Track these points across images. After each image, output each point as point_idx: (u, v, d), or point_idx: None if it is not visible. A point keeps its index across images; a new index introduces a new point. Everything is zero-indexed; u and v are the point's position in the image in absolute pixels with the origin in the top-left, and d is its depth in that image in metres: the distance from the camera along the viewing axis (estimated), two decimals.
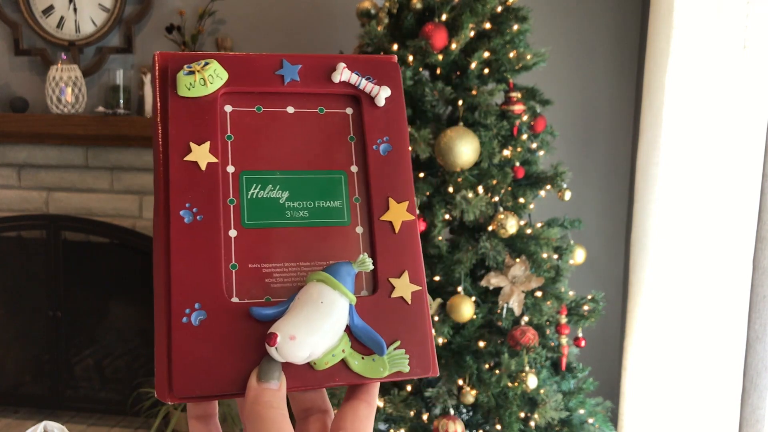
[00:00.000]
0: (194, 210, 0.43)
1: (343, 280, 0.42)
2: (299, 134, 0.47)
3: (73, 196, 2.82)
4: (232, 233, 0.44)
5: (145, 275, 2.88)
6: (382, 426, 1.85)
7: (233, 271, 0.43)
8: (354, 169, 0.47)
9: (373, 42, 1.85)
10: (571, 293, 1.87)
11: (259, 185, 0.45)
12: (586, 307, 1.85)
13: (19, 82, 2.84)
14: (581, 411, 1.84)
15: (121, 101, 2.69)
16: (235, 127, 0.46)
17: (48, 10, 2.73)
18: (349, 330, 0.42)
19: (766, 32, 1.69)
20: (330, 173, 0.47)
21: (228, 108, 0.46)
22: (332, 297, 0.41)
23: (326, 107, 0.48)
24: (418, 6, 1.80)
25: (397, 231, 0.46)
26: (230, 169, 0.45)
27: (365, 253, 0.44)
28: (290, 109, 0.48)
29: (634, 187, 2.09)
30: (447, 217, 1.77)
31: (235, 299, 0.42)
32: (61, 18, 2.73)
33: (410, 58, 1.76)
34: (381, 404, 1.77)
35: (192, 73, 0.45)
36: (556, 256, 1.82)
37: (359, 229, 0.46)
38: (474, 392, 1.73)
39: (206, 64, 0.45)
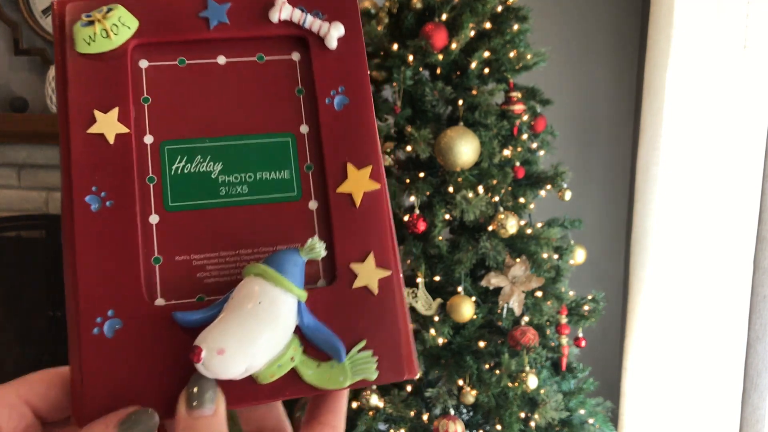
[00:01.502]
0: (102, 194, 0.35)
1: (288, 272, 0.34)
2: (234, 90, 0.38)
3: None
4: (153, 219, 0.36)
5: None
6: (382, 426, 1.85)
7: (156, 266, 0.36)
8: (304, 129, 0.39)
9: (373, 42, 1.85)
10: (571, 293, 1.86)
11: (186, 157, 0.37)
12: (586, 307, 1.85)
13: (19, 82, 2.84)
14: (581, 411, 1.84)
15: None
16: (152, 87, 0.37)
17: (48, 10, 2.72)
18: (299, 331, 0.35)
19: (767, 32, 1.69)
20: (274, 136, 0.38)
21: (143, 63, 0.38)
22: (273, 295, 0.33)
23: (266, 54, 0.39)
24: (418, 6, 1.80)
25: (358, 204, 0.38)
26: (148, 139, 0.37)
27: (315, 237, 0.36)
28: (221, 60, 0.39)
29: (634, 187, 2.09)
30: (447, 217, 1.77)
31: (159, 301, 0.35)
32: None
33: (410, 57, 1.76)
34: (381, 404, 1.77)
35: (91, 23, 0.36)
36: (556, 256, 1.82)
37: (313, 204, 0.38)
38: (474, 392, 1.72)
39: (109, 10, 0.36)
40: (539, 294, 1.77)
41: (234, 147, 0.37)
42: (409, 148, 1.74)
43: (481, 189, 1.75)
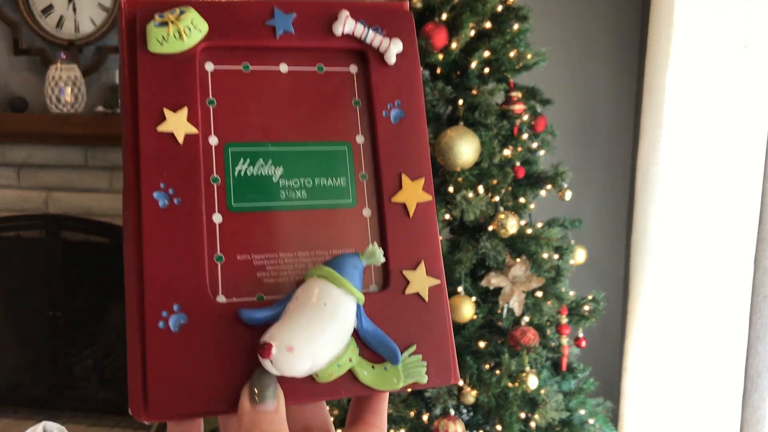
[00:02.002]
0: (170, 191, 0.36)
1: (350, 276, 0.35)
2: (294, 98, 0.40)
3: (73, 196, 2.82)
4: (217, 218, 0.37)
5: None
6: None
7: (218, 264, 0.36)
8: (360, 139, 0.40)
9: None
10: (571, 293, 1.86)
11: (248, 160, 0.38)
12: (586, 307, 1.85)
13: (19, 82, 2.84)
14: (582, 411, 1.83)
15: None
16: (218, 90, 0.38)
17: (47, 10, 2.72)
18: (356, 334, 0.36)
19: (767, 32, 1.69)
20: (332, 145, 0.39)
21: (209, 66, 0.39)
22: (336, 296, 0.34)
23: (326, 65, 0.40)
24: (418, 5, 1.80)
25: (411, 214, 0.39)
26: (213, 140, 0.38)
27: (375, 243, 0.37)
28: (283, 68, 0.40)
29: (634, 187, 2.08)
30: (447, 217, 1.77)
31: (221, 298, 0.36)
32: (61, 17, 2.72)
33: None
34: None
35: (165, 24, 0.37)
36: (556, 256, 1.82)
37: (366, 212, 0.39)
38: (474, 392, 1.72)
39: (182, 12, 0.37)
40: (539, 294, 1.77)
41: (294, 153, 0.39)
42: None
43: (481, 189, 1.75)
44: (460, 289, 1.74)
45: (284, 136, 0.39)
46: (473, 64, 1.77)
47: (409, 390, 0.38)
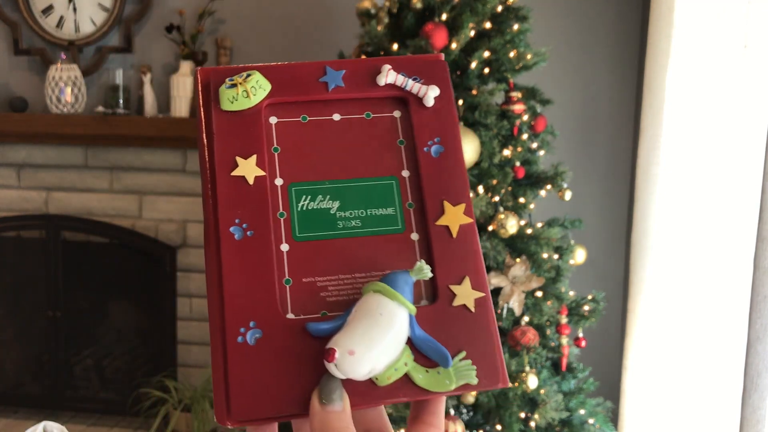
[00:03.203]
0: (244, 226, 0.42)
1: (401, 290, 0.39)
2: (347, 141, 0.46)
3: (73, 196, 2.82)
4: (284, 247, 0.42)
5: (144, 275, 2.88)
6: None
7: (287, 286, 0.42)
8: (405, 173, 0.46)
9: (374, 42, 1.85)
10: (571, 293, 1.86)
11: (309, 196, 0.44)
12: (586, 307, 1.85)
13: (19, 82, 2.84)
14: (582, 411, 1.83)
15: (121, 101, 2.69)
16: (281, 139, 0.45)
17: (47, 10, 2.72)
18: (410, 342, 0.40)
19: (767, 32, 1.69)
20: (381, 180, 0.45)
21: (273, 119, 0.45)
22: (391, 308, 0.39)
23: (373, 112, 0.47)
24: (418, 6, 1.80)
25: (454, 235, 0.44)
26: (278, 181, 0.44)
27: (422, 261, 0.42)
28: (336, 117, 0.46)
29: (634, 187, 2.09)
30: None
31: (290, 315, 0.41)
32: (61, 18, 2.73)
33: None
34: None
35: (234, 86, 0.43)
36: (556, 256, 1.82)
37: (414, 236, 0.44)
38: (474, 392, 1.72)
39: (248, 75, 0.44)
40: (539, 294, 1.77)
41: (348, 188, 0.45)
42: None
43: (481, 189, 1.75)
44: None
45: (339, 174, 0.45)
46: (473, 64, 1.77)
47: (456, 393, 0.42)
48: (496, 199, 1.76)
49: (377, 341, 0.38)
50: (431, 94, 0.46)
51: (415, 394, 0.40)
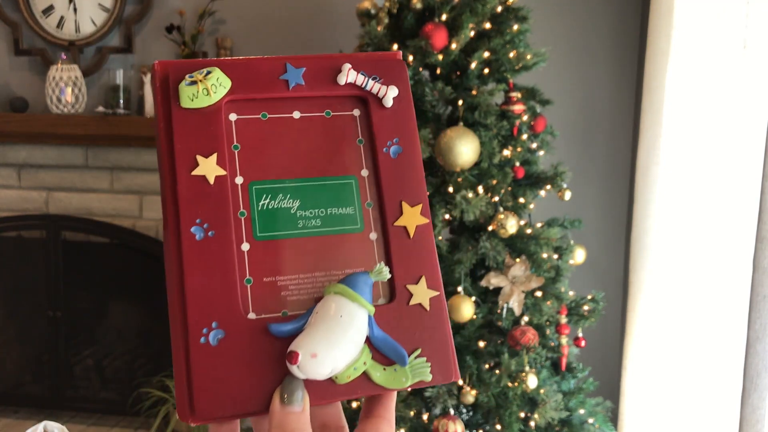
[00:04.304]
0: (205, 226, 0.42)
1: (361, 291, 0.41)
2: (307, 140, 0.46)
3: (73, 196, 2.82)
4: (245, 247, 0.43)
5: (144, 275, 2.88)
6: None
7: (248, 286, 0.42)
8: (365, 173, 0.46)
9: (374, 42, 1.85)
10: (571, 293, 1.87)
11: (270, 195, 0.44)
12: (586, 307, 1.85)
13: (19, 82, 2.84)
14: (581, 411, 1.84)
15: (121, 101, 2.69)
16: (241, 136, 0.45)
17: (48, 10, 2.73)
18: (369, 341, 0.41)
19: (766, 32, 1.69)
20: (340, 179, 0.46)
21: (233, 116, 0.45)
22: (351, 309, 0.40)
23: (333, 110, 0.47)
24: (418, 6, 1.80)
25: (411, 236, 0.45)
26: (239, 180, 0.44)
27: (382, 262, 0.43)
28: (296, 114, 0.46)
29: (634, 187, 2.09)
30: (447, 217, 1.77)
31: (251, 315, 0.41)
32: (61, 18, 2.73)
33: (410, 58, 1.76)
34: None
35: (194, 83, 0.43)
36: (556, 256, 1.82)
37: (373, 236, 0.45)
38: (474, 392, 1.73)
39: (208, 72, 0.44)
40: (539, 294, 1.77)
41: (308, 187, 0.45)
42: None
43: (481, 189, 1.75)
44: (459, 289, 1.75)
45: (299, 173, 0.45)
46: (473, 65, 1.77)
47: (410, 389, 0.43)
48: (496, 199, 1.76)
49: (338, 343, 0.39)
50: (390, 94, 0.47)
51: (372, 390, 0.41)
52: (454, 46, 1.74)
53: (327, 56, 0.47)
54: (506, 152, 1.79)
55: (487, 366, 1.78)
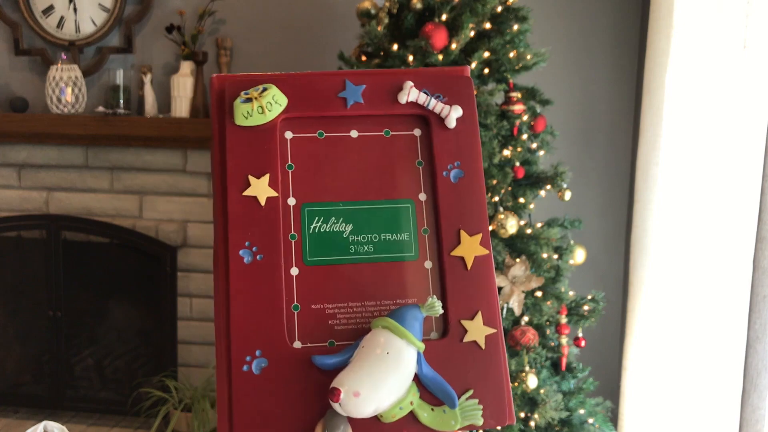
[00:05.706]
0: (254, 249, 0.40)
1: (410, 326, 0.38)
2: (364, 160, 0.44)
3: (73, 196, 2.82)
4: (294, 272, 0.41)
5: (145, 275, 2.88)
6: None
7: (295, 312, 0.41)
8: (422, 197, 0.44)
9: (373, 42, 1.85)
10: (571, 293, 1.87)
11: (322, 218, 0.42)
12: (586, 307, 1.85)
13: (19, 82, 2.84)
14: (581, 411, 1.84)
15: (121, 101, 2.69)
16: (296, 156, 0.43)
17: (48, 10, 2.73)
18: (417, 379, 0.39)
19: (766, 32, 1.69)
20: (396, 203, 0.43)
21: (288, 135, 0.43)
22: (399, 346, 0.38)
23: (392, 129, 0.45)
24: (418, 6, 1.80)
25: (469, 267, 0.42)
26: (291, 201, 0.42)
27: (434, 296, 0.40)
28: (354, 133, 0.44)
29: (634, 187, 2.09)
30: None
31: (297, 344, 0.40)
32: (61, 18, 2.73)
33: (410, 57, 1.76)
34: None
35: (249, 100, 0.41)
36: (556, 256, 1.82)
37: (428, 264, 0.43)
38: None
39: (264, 90, 0.42)
40: (539, 294, 1.77)
41: (362, 210, 0.43)
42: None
43: None
44: None
45: (354, 195, 0.43)
46: (473, 65, 1.77)
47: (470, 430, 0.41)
48: (496, 199, 1.76)
49: (383, 382, 0.37)
50: (454, 115, 0.44)
51: (420, 431, 0.39)
52: (454, 46, 1.74)
53: (389, 72, 0.45)
54: (506, 152, 1.79)
55: None
